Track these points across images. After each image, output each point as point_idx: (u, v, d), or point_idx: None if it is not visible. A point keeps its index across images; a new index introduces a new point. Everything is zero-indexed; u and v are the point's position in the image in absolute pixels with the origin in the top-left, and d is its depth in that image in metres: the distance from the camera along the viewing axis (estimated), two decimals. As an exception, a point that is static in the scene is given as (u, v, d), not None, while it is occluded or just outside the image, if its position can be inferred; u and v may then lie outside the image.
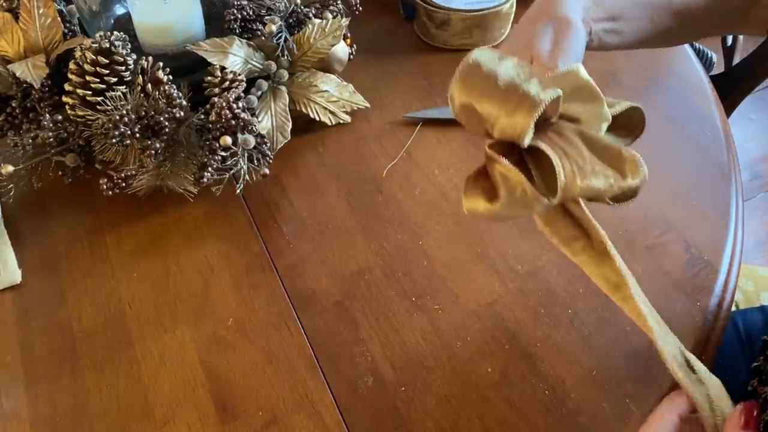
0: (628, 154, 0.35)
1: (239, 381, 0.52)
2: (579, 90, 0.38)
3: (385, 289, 0.57)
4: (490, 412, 0.50)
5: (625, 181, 0.35)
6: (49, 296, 0.58)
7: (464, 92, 0.37)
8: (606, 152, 0.36)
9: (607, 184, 0.35)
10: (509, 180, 0.36)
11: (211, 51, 0.64)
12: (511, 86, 0.35)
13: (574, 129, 0.37)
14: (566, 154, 0.35)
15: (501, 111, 0.35)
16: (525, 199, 0.35)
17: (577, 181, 0.35)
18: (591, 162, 0.35)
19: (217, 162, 0.60)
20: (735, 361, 0.66)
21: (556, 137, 0.36)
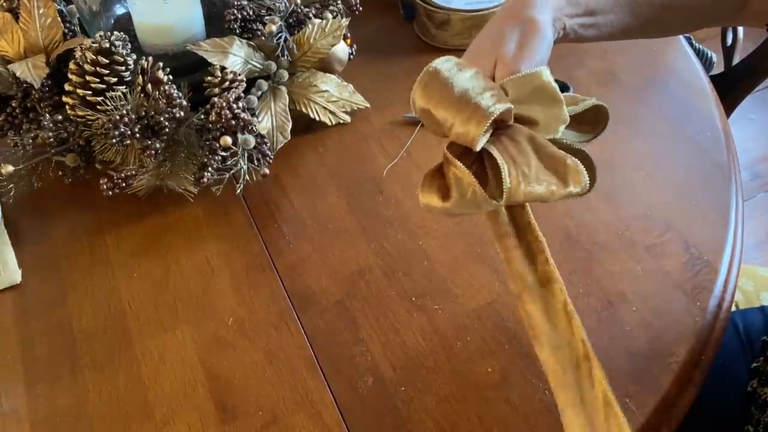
0: (571, 164, 0.37)
1: (239, 381, 0.52)
2: (538, 92, 0.39)
3: (385, 289, 0.57)
4: (490, 412, 0.50)
5: (567, 188, 0.37)
6: (49, 296, 0.58)
7: (423, 98, 0.39)
8: (552, 160, 0.38)
9: (549, 191, 0.37)
10: (462, 182, 0.38)
11: (211, 51, 0.64)
12: (464, 97, 0.38)
13: (527, 135, 0.39)
14: (515, 161, 0.37)
15: (456, 119, 0.38)
16: (475, 200, 0.38)
17: (521, 187, 0.37)
18: (536, 170, 0.37)
19: (217, 162, 0.60)
20: (735, 361, 0.66)
21: (508, 142, 0.38)
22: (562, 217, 0.63)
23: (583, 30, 0.48)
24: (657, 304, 0.56)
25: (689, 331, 0.54)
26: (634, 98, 0.75)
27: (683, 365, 0.52)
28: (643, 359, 0.52)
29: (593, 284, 0.57)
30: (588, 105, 0.42)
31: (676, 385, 0.51)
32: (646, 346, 0.53)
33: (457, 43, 0.79)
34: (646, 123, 0.72)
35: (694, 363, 0.52)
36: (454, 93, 0.38)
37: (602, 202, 0.64)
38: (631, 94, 0.75)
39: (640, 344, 0.53)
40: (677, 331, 0.54)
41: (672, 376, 0.51)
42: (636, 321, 0.55)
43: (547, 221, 0.62)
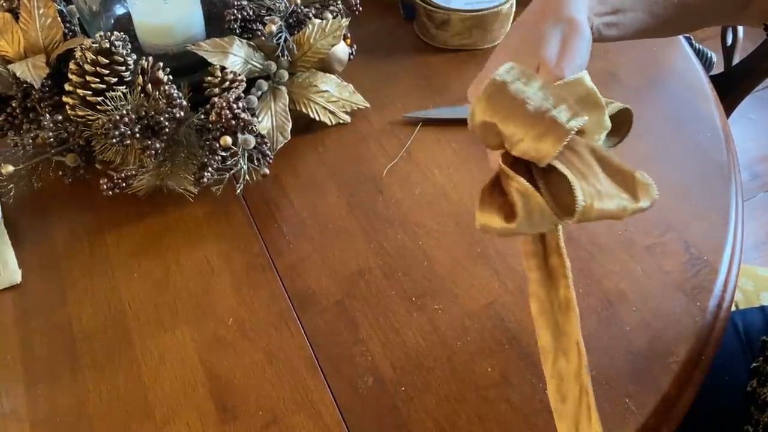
0: (640, 177, 0.35)
1: (239, 381, 0.52)
2: (584, 99, 0.38)
3: (385, 289, 0.58)
4: (490, 412, 0.50)
5: (638, 204, 0.35)
6: (49, 296, 0.58)
7: (488, 111, 0.36)
8: (620, 174, 0.35)
9: (620, 207, 0.35)
10: (529, 201, 0.35)
11: (211, 51, 0.64)
12: (540, 111, 0.35)
13: (587, 146, 0.36)
14: (584, 176, 0.35)
15: (527, 135, 0.35)
16: (542, 221, 0.35)
17: (595, 204, 0.34)
18: (607, 186, 0.35)
19: (217, 162, 0.60)
20: (734, 361, 0.66)
21: (570, 155, 0.35)
22: (562, 217, 0.63)
23: (606, 29, 0.47)
24: (657, 304, 0.56)
25: (689, 331, 0.54)
26: (634, 98, 0.75)
27: (683, 365, 0.52)
28: (643, 359, 0.52)
29: (593, 284, 0.57)
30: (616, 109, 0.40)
31: (675, 385, 0.51)
32: (645, 346, 0.53)
33: (457, 43, 0.79)
34: (646, 123, 0.72)
35: (694, 363, 0.52)
36: (526, 107, 0.35)
37: (602, 202, 0.64)
38: (631, 94, 0.75)
39: (640, 344, 0.53)
40: (677, 331, 0.54)
41: (672, 375, 0.51)
42: (636, 321, 0.55)
43: (547, 221, 0.62)
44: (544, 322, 0.38)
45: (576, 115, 0.35)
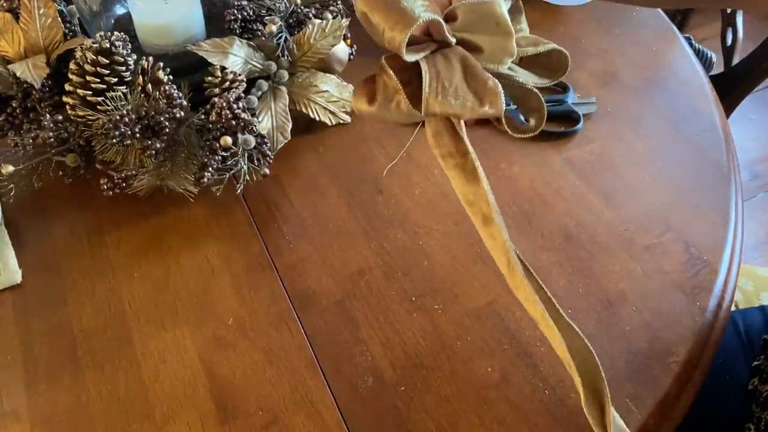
0: (492, 85, 0.39)
1: (239, 381, 0.52)
2: (488, 21, 0.41)
3: (385, 289, 0.58)
4: (490, 412, 0.50)
5: (482, 108, 0.40)
6: (50, 296, 0.58)
7: (362, 2, 0.40)
8: (475, 80, 0.40)
9: (464, 107, 0.40)
10: (388, 88, 0.40)
11: (211, 51, 0.64)
12: (396, 3, 0.39)
13: (461, 55, 0.40)
14: (438, 75, 0.39)
15: (386, 24, 0.39)
16: (398, 108, 0.41)
17: (438, 98, 0.39)
18: (457, 86, 0.39)
19: (218, 162, 0.61)
20: (735, 360, 0.66)
21: (440, 59, 0.40)
22: (562, 217, 0.63)
23: None
24: (657, 304, 0.56)
25: (689, 330, 0.54)
26: (634, 98, 0.75)
27: (683, 365, 0.52)
28: (643, 359, 0.52)
29: (593, 284, 0.57)
30: (548, 48, 0.44)
31: (676, 385, 0.51)
32: (645, 346, 0.53)
33: (457, 43, 0.79)
34: (646, 123, 0.72)
35: (694, 363, 0.52)
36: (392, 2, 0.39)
37: (602, 202, 0.64)
38: (631, 94, 0.76)
39: (640, 344, 0.53)
40: (677, 331, 0.54)
41: (672, 375, 0.51)
42: (636, 321, 0.55)
43: (547, 221, 0.62)
44: (473, 211, 0.44)
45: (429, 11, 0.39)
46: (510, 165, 0.68)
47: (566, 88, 0.75)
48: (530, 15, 0.85)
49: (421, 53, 0.40)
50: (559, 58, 0.45)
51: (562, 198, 0.65)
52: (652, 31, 0.83)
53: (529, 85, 0.46)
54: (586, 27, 0.84)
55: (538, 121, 0.46)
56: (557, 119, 0.73)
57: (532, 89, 0.46)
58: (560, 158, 0.69)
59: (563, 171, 0.67)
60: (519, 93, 0.47)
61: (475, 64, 0.40)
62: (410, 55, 0.39)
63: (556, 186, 0.66)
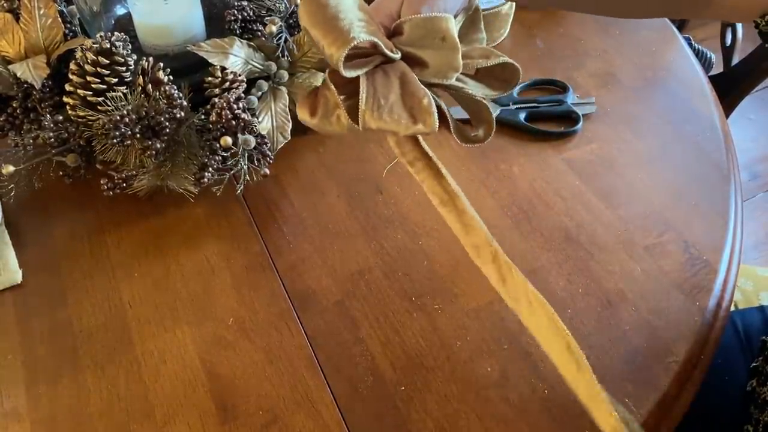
0: (426, 104, 0.40)
1: (239, 381, 0.52)
2: (434, 37, 0.41)
3: (385, 289, 0.58)
4: (490, 412, 0.50)
5: (416, 126, 0.40)
6: (50, 296, 0.58)
7: (303, 16, 0.41)
8: (411, 98, 0.40)
9: (398, 124, 0.40)
10: (329, 102, 0.42)
11: (211, 51, 0.64)
12: (333, 21, 0.40)
13: (401, 71, 0.41)
14: (374, 92, 0.40)
15: (323, 41, 0.40)
16: (339, 121, 0.41)
17: (374, 115, 0.40)
18: (392, 104, 0.40)
19: (218, 162, 0.61)
20: (734, 361, 0.66)
21: (380, 75, 0.41)
22: (562, 217, 0.63)
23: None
24: (656, 303, 0.56)
25: (688, 330, 0.54)
26: (633, 98, 0.75)
27: (682, 365, 0.52)
28: (643, 359, 0.52)
29: (593, 284, 0.58)
30: (498, 62, 0.45)
31: (675, 385, 0.51)
32: (645, 346, 0.53)
33: (457, 43, 0.79)
34: (645, 123, 0.73)
35: (694, 362, 0.52)
36: (326, 16, 0.40)
37: (602, 202, 0.64)
38: (630, 95, 0.76)
39: (640, 344, 0.53)
40: (676, 331, 0.54)
41: (671, 375, 0.51)
42: (635, 321, 0.55)
43: (547, 221, 0.63)
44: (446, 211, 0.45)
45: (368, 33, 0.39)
46: (510, 165, 0.68)
47: (566, 88, 0.75)
48: (530, 16, 0.85)
49: (362, 69, 0.41)
50: (511, 71, 0.46)
51: (561, 198, 0.65)
52: (652, 32, 0.83)
53: (478, 96, 0.47)
54: (586, 27, 0.84)
55: (486, 131, 0.47)
56: (557, 119, 0.73)
57: (480, 101, 0.47)
58: (560, 158, 0.69)
59: (563, 171, 0.67)
60: (469, 104, 0.48)
61: (412, 81, 0.41)
62: (349, 72, 0.40)
63: (556, 186, 0.66)
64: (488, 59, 0.45)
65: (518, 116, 0.72)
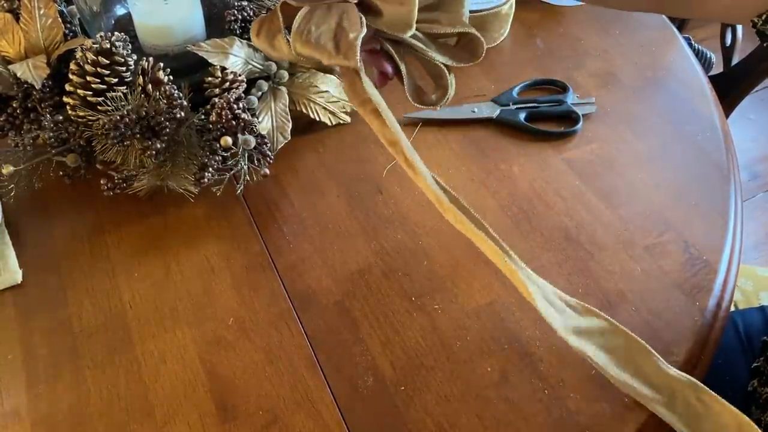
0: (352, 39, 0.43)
1: (239, 380, 0.52)
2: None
3: (385, 289, 0.58)
4: (490, 412, 0.50)
5: (338, 56, 0.43)
6: (50, 296, 0.58)
7: None
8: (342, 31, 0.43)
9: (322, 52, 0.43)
10: (273, 26, 0.45)
11: (211, 52, 0.64)
12: None
13: (344, 11, 0.44)
14: (308, 20, 0.43)
15: None
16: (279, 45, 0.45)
17: (302, 40, 0.43)
18: (321, 33, 0.43)
19: (218, 162, 0.61)
20: (735, 361, 0.66)
21: (322, 9, 0.44)
22: (562, 217, 0.63)
23: None
24: (656, 304, 0.56)
25: (688, 330, 0.54)
26: (633, 98, 0.75)
27: (682, 365, 0.52)
28: (643, 359, 0.52)
29: (592, 284, 0.58)
30: (460, 30, 0.48)
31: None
32: (645, 346, 0.53)
33: (457, 43, 0.79)
34: (645, 123, 0.73)
35: (694, 363, 0.52)
36: None
37: (602, 202, 0.64)
38: (630, 95, 0.76)
39: (640, 344, 0.53)
40: (676, 331, 0.54)
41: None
42: (635, 321, 0.55)
43: (547, 221, 0.63)
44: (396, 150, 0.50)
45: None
46: (510, 165, 0.68)
47: (566, 88, 0.75)
48: (530, 15, 0.85)
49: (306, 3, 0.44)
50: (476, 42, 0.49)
51: (561, 198, 0.65)
52: (652, 32, 0.83)
53: (436, 60, 0.49)
54: (586, 27, 0.84)
55: (440, 96, 0.51)
56: (557, 119, 0.73)
57: (439, 65, 0.49)
58: (560, 158, 0.69)
59: (563, 171, 0.67)
60: (430, 68, 0.50)
61: (350, 19, 0.44)
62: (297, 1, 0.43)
63: (556, 186, 0.66)
64: (453, 27, 0.48)
65: (518, 116, 0.72)
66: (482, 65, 0.78)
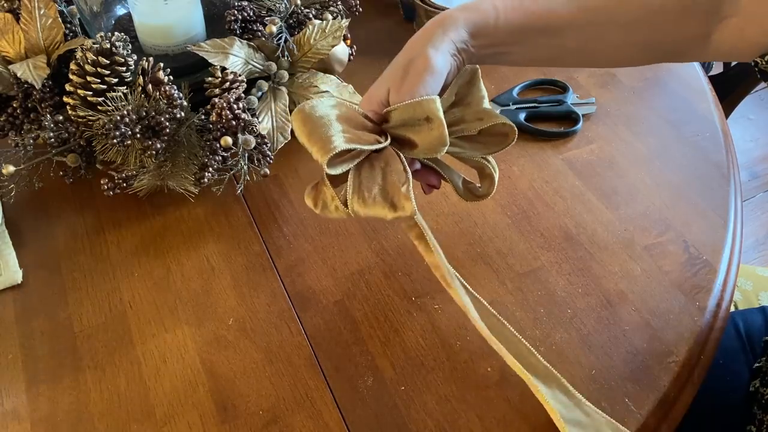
0: (404, 193, 0.45)
1: (240, 380, 0.52)
2: (418, 118, 0.46)
3: (385, 289, 0.58)
4: (490, 412, 0.50)
5: (396, 213, 0.46)
6: (50, 296, 0.58)
7: (295, 128, 0.47)
8: (393, 187, 0.46)
9: (381, 212, 0.46)
10: (326, 196, 0.48)
11: (211, 52, 0.64)
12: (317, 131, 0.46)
13: (385, 160, 0.47)
14: (360, 186, 0.46)
15: (310, 148, 0.46)
16: (338, 210, 0.47)
17: (360, 205, 0.46)
18: (375, 195, 0.46)
19: (218, 162, 0.61)
20: (736, 361, 0.66)
21: (365, 168, 0.47)
22: (562, 217, 0.63)
23: (499, 57, 0.52)
24: (656, 303, 0.56)
25: (688, 330, 0.54)
26: (633, 98, 0.75)
27: (682, 365, 0.52)
28: (643, 359, 0.52)
29: (592, 284, 0.58)
30: (492, 123, 0.50)
31: (675, 385, 0.51)
32: (645, 346, 0.53)
33: (457, 43, 0.79)
34: (645, 123, 0.73)
35: (694, 362, 0.53)
36: (313, 128, 0.46)
37: (602, 202, 0.64)
38: (630, 95, 0.76)
39: (640, 344, 0.53)
40: (676, 331, 0.54)
41: (671, 375, 0.51)
42: (635, 321, 0.55)
43: (547, 221, 0.63)
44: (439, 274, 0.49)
45: (348, 141, 0.45)
46: (510, 165, 0.68)
47: (566, 88, 0.75)
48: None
49: (349, 163, 0.46)
50: (504, 128, 0.51)
51: (561, 198, 0.65)
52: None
53: (477, 157, 0.52)
54: (586, 27, 0.84)
55: (488, 187, 0.53)
56: (557, 119, 0.73)
57: (480, 160, 0.52)
58: (560, 158, 0.69)
59: (563, 171, 0.67)
60: (472, 163, 0.53)
61: (395, 170, 0.46)
62: (335, 169, 0.46)
63: (556, 186, 0.66)
64: (482, 121, 0.50)
65: (518, 116, 0.72)
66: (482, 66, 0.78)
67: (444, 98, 0.51)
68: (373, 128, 0.48)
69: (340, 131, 0.46)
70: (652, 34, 0.51)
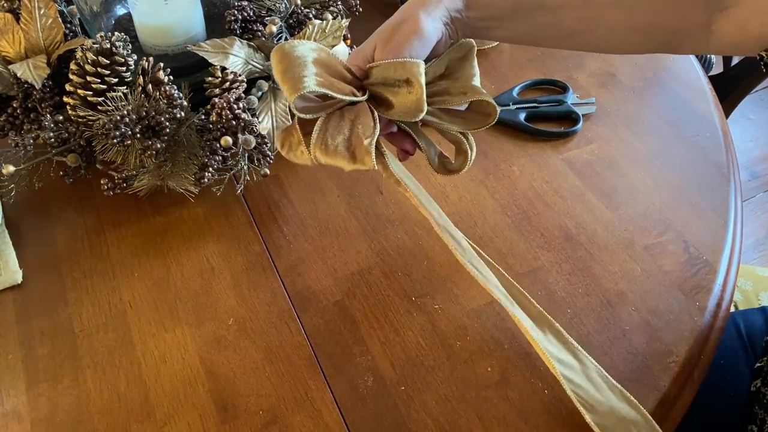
0: (366, 146, 0.46)
1: (240, 380, 0.52)
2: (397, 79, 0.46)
3: (385, 289, 0.58)
4: (490, 412, 0.50)
5: (354, 164, 0.46)
6: (50, 296, 0.58)
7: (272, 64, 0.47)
8: (357, 139, 0.46)
9: (342, 162, 0.47)
10: (294, 139, 0.48)
11: (211, 52, 0.64)
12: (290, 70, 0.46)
13: (356, 115, 0.47)
14: (325, 133, 0.46)
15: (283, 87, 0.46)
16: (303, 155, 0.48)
17: (322, 151, 0.47)
18: (338, 144, 0.46)
19: (218, 162, 0.61)
20: (736, 361, 0.66)
21: (335, 118, 0.47)
22: (562, 217, 0.63)
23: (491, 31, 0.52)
24: (656, 303, 0.56)
25: (688, 330, 0.54)
26: (633, 98, 0.75)
27: (682, 365, 0.52)
28: (643, 359, 0.52)
29: (592, 284, 0.58)
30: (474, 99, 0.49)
31: (675, 385, 0.51)
32: (645, 346, 0.53)
33: (457, 43, 0.79)
34: (645, 123, 0.73)
35: (693, 362, 0.53)
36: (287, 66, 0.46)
37: (602, 202, 0.64)
38: (630, 95, 0.76)
39: (640, 344, 0.53)
40: (676, 331, 0.54)
41: (671, 375, 0.51)
42: (635, 321, 0.55)
43: (547, 221, 0.63)
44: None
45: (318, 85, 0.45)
46: (510, 165, 0.68)
47: (566, 88, 0.75)
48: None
49: (321, 112, 0.46)
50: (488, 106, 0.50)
51: (561, 198, 0.65)
52: (652, 32, 0.83)
53: (454, 131, 0.51)
54: (586, 27, 0.84)
55: (461, 163, 0.52)
56: (557, 119, 0.73)
57: (457, 134, 0.51)
58: (560, 158, 0.69)
59: (563, 171, 0.67)
60: (449, 137, 0.52)
61: (363, 123, 0.46)
62: (305, 114, 0.46)
63: (556, 186, 0.66)
64: (465, 96, 0.50)
65: (518, 116, 0.72)
66: (482, 65, 0.78)
67: (433, 68, 0.50)
68: (352, 81, 0.48)
69: (314, 74, 0.46)
70: (650, 17, 0.50)
